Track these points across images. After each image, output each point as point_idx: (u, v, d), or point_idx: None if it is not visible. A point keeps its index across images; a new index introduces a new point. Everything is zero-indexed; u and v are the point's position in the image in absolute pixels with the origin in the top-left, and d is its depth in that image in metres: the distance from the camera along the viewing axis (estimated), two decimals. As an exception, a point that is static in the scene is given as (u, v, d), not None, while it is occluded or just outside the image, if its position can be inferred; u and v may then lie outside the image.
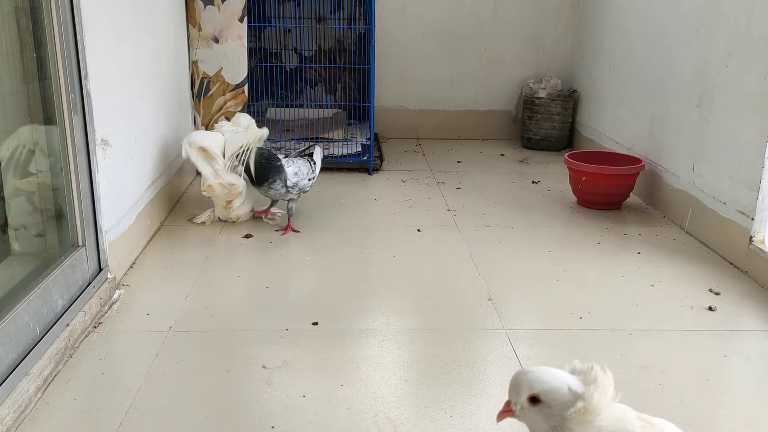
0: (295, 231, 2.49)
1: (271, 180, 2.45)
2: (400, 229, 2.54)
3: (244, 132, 2.60)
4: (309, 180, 2.56)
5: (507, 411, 0.98)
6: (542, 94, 3.71)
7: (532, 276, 2.15)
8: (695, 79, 2.51)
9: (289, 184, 2.46)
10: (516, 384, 0.98)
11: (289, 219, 2.52)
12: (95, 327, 1.77)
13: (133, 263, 2.16)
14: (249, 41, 3.09)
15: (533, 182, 3.15)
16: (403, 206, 2.79)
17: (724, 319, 1.89)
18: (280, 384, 1.54)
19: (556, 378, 0.96)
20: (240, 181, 2.47)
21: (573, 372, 0.98)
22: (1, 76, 1.72)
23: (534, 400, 0.95)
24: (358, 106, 3.64)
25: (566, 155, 2.84)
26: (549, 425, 0.94)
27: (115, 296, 1.92)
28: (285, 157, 2.53)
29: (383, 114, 3.87)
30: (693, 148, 2.51)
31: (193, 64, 3.05)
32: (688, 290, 2.06)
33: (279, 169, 2.45)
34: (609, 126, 3.33)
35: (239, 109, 3.12)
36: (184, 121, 2.98)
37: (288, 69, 3.73)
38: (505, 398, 1.51)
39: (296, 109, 3.64)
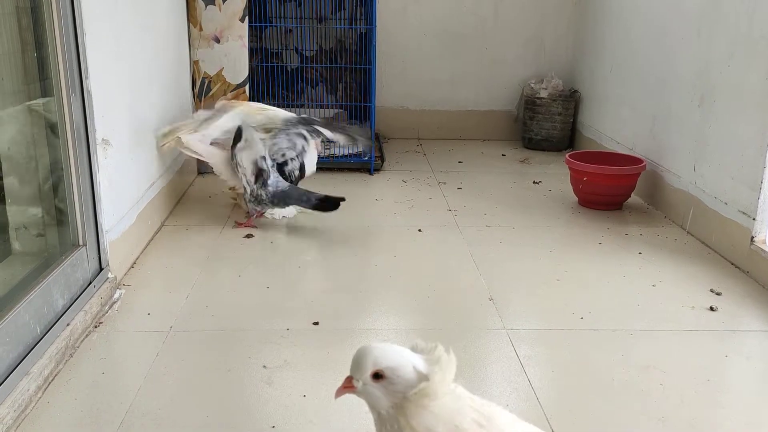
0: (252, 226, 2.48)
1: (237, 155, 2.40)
2: (401, 229, 2.53)
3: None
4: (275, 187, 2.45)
5: (348, 387, 0.95)
6: (543, 94, 3.70)
7: (533, 276, 2.15)
8: (696, 78, 2.50)
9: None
10: (360, 359, 0.94)
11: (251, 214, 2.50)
12: (96, 326, 1.77)
13: (134, 263, 2.16)
14: (250, 41, 3.09)
15: (534, 182, 3.15)
16: (404, 206, 2.78)
17: (725, 319, 1.89)
18: (280, 384, 1.54)
19: (402, 355, 0.93)
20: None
21: (415, 350, 0.95)
22: (2, 75, 1.72)
23: (378, 376, 0.92)
24: (359, 106, 3.64)
25: (567, 155, 2.83)
26: (390, 403, 0.92)
27: (116, 296, 1.92)
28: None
29: (384, 114, 3.87)
30: (694, 148, 2.50)
31: (194, 64, 3.05)
32: (689, 290, 2.05)
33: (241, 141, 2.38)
34: (610, 126, 3.33)
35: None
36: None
37: (289, 69, 3.73)
38: (505, 394, 1.51)
39: (297, 109, 3.63)
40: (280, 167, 2.48)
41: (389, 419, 0.92)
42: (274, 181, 2.43)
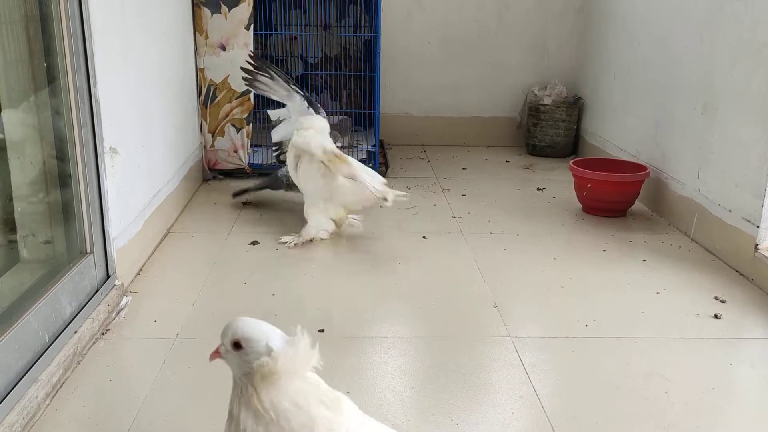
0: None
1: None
2: (406, 236, 2.54)
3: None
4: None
5: (216, 352, 1.02)
6: (547, 101, 3.71)
7: (537, 283, 2.15)
8: (700, 86, 2.51)
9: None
10: (227, 328, 1.01)
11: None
12: (103, 334, 1.78)
13: (141, 270, 2.17)
14: (255, 49, 3.10)
15: (538, 189, 3.16)
16: (408, 213, 2.79)
17: (729, 326, 1.89)
18: (286, 391, 1.54)
19: (261, 331, 1.00)
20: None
21: (290, 334, 1.01)
22: (11, 83, 1.73)
23: (237, 345, 0.99)
24: (364, 113, 3.65)
25: (571, 162, 2.84)
26: (242, 371, 0.98)
27: (123, 303, 1.93)
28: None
29: (388, 121, 3.88)
30: (698, 155, 2.51)
31: (200, 72, 3.07)
32: (693, 298, 2.06)
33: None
34: (614, 133, 3.34)
35: (245, 115, 3.14)
36: (191, 128, 3.00)
37: (294, 76, 3.74)
38: (510, 402, 1.52)
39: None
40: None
41: (242, 386, 0.98)
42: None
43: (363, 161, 3.27)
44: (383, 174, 3.29)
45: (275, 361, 0.95)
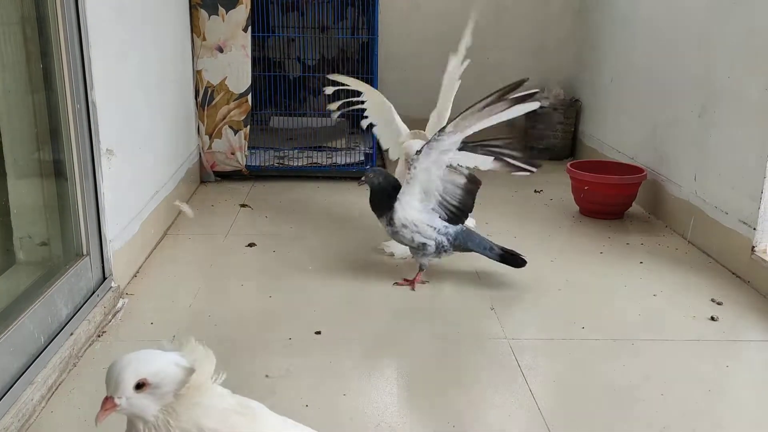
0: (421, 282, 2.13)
1: (378, 212, 2.12)
2: (403, 238, 2.54)
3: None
4: (437, 233, 2.07)
5: (109, 408, 0.91)
6: (545, 103, 3.71)
7: (534, 285, 2.15)
8: (697, 89, 2.51)
9: (397, 223, 2.06)
10: (118, 375, 0.91)
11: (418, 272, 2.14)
12: (99, 336, 1.77)
13: (137, 272, 2.17)
14: (253, 51, 3.10)
15: (535, 191, 3.16)
16: (405, 215, 2.79)
17: (726, 329, 1.89)
18: (283, 393, 1.55)
19: (160, 358, 0.93)
20: None
21: (164, 350, 0.95)
22: (8, 86, 1.73)
23: (140, 385, 0.90)
24: (361, 115, 3.65)
25: (568, 164, 2.84)
26: (159, 407, 0.90)
27: (119, 305, 1.93)
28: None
29: (386, 123, 3.87)
30: (695, 158, 2.51)
31: (198, 74, 3.07)
32: (690, 300, 2.06)
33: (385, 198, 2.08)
34: (611, 135, 3.34)
35: (243, 117, 3.14)
36: (188, 130, 3.00)
37: (291, 78, 3.74)
38: (507, 404, 1.52)
39: (299, 118, 3.65)
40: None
41: (158, 424, 0.91)
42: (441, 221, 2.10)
43: (360, 163, 3.28)
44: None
45: (200, 375, 0.91)
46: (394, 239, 2.15)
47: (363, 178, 2.13)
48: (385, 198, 2.09)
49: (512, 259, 2.14)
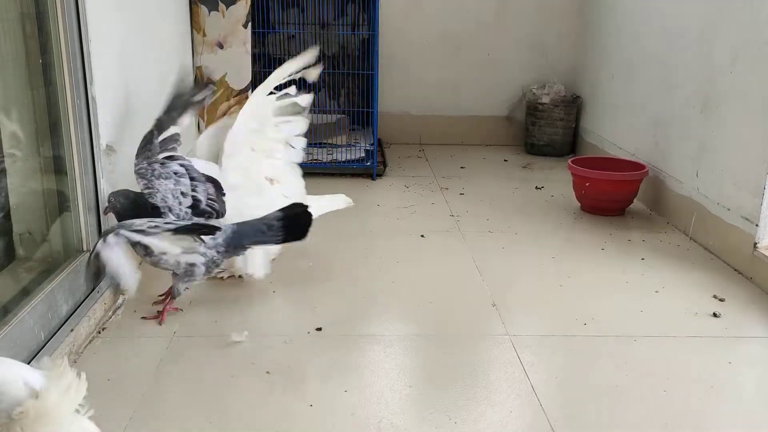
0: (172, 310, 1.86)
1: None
2: (404, 234, 2.54)
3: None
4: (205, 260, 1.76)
5: None
6: (545, 99, 3.71)
7: (535, 282, 2.15)
8: (699, 84, 2.51)
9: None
10: None
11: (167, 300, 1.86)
12: (99, 332, 1.77)
13: (137, 268, 2.15)
14: (253, 47, 3.09)
15: (537, 188, 3.15)
16: (406, 212, 2.79)
17: (728, 325, 1.89)
18: (284, 389, 1.54)
19: (10, 370, 0.81)
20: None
21: (39, 366, 0.84)
22: (8, 82, 1.73)
23: None
24: (362, 112, 3.65)
25: (570, 161, 2.84)
26: None
27: (119, 301, 1.92)
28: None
29: (387, 119, 3.87)
30: (697, 154, 2.51)
31: (198, 70, 3.06)
32: (692, 296, 2.05)
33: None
34: (612, 132, 3.33)
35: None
36: (188, 127, 2.98)
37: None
38: (508, 400, 1.51)
39: None
40: (195, 207, 1.86)
41: None
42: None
43: (361, 160, 3.27)
44: (382, 172, 3.29)
45: (44, 402, 0.79)
46: (158, 268, 1.79)
47: (107, 206, 1.78)
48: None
49: (294, 224, 1.81)
